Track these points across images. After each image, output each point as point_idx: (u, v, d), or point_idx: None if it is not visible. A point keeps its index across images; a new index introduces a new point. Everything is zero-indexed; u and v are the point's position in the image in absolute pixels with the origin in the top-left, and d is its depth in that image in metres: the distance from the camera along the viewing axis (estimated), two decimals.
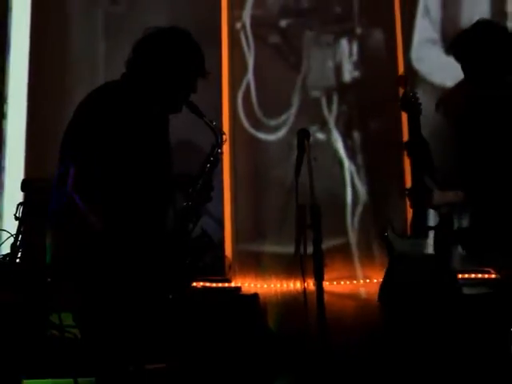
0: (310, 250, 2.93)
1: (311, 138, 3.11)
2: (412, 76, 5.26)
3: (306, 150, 3.05)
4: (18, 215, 3.88)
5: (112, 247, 2.98)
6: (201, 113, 3.36)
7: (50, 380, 2.56)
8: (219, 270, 4.96)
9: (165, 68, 3.19)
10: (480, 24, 3.62)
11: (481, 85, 3.53)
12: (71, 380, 2.42)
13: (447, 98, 3.76)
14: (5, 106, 5.40)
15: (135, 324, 2.98)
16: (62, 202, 3.09)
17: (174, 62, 3.21)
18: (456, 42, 3.59)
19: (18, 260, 3.80)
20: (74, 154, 3.04)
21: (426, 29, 5.33)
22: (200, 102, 3.42)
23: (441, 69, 5.24)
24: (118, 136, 3.03)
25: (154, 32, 3.25)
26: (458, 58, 3.57)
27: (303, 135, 3.10)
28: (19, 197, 4.14)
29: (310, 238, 2.96)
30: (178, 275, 3.27)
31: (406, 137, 5.12)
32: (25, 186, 4.07)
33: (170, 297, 3.20)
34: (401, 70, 5.25)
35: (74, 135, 3.10)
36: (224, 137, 3.40)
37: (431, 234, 3.76)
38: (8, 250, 3.89)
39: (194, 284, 3.69)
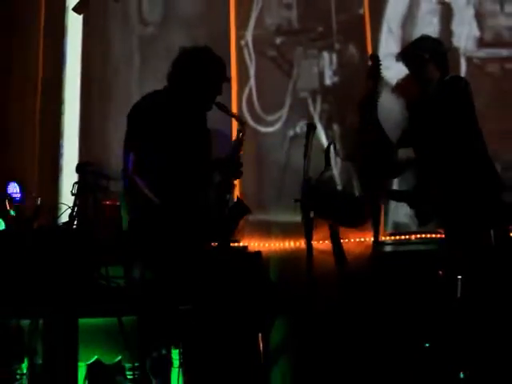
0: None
1: (301, 129, 3.10)
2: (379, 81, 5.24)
3: (311, 138, 3.06)
4: (73, 192, 3.85)
5: (167, 216, 3.02)
6: (227, 109, 3.48)
7: (100, 319, 2.54)
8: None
9: (198, 78, 3.27)
10: (418, 39, 3.72)
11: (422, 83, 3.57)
12: (115, 319, 2.41)
13: (403, 83, 3.77)
14: (62, 107, 5.38)
15: (180, 271, 3.01)
16: (125, 181, 3.16)
17: (204, 73, 3.29)
18: (401, 52, 3.66)
19: (74, 226, 3.79)
20: (133, 144, 3.12)
21: (389, 44, 5.29)
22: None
23: (401, 76, 5.22)
24: (167, 130, 3.14)
25: (187, 51, 3.34)
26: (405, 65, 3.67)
27: (310, 127, 3.10)
28: (74, 177, 4.11)
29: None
30: (222, 234, 3.31)
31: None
32: (78, 168, 4.04)
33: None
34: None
35: (134, 130, 3.18)
36: (246, 123, 3.47)
37: None
38: (67, 219, 3.88)
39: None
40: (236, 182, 5.06)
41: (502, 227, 3.48)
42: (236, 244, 4.91)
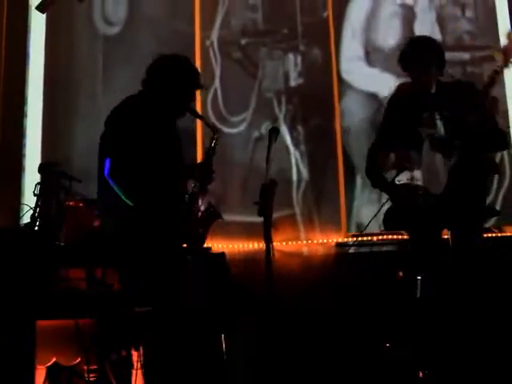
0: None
1: (266, 130, 3.13)
2: (341, 84, 5.30)
3: (273, 142, 3.08)
4: (36, 192, 3.81)
5: (141, 218, 3.04)
6: (201, 116, 3.55)
7: (59, 321, 2.52)
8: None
9: (171, 85, 3.31)
10: (413, 41, 3.61)
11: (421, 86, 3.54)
12: (73, 321, 2.40)
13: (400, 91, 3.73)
14: (25, 107, 5.32)
15: (151, 274, 3.02)
16: (102, 184, 3.16)
17: (178, 81, 3.32)
18: (399, 57, 3.57)
19: (36, 228, 3.75)
20: (110, 148, 3.14)
21: (353, 47, 5.35)
22: None
23: (364, 79, 5.29)
24: (141, 136, 3.14)
25: (163, 58, 3.36)
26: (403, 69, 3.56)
27: (273, 131, 3.12)
28: (37, 177, 4.07)
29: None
30: (194, 239, 3.33)
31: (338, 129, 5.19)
32: (41, 168, 4.01)
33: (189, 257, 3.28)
34: (334, 78, 5.29)
35: (113, 134, 3.19)
36: (220, 131, 3.52)
37: None
38: (28, 220, 3.84)
39: None
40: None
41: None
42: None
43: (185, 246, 3.33)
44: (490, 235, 4.77)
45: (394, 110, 3.69)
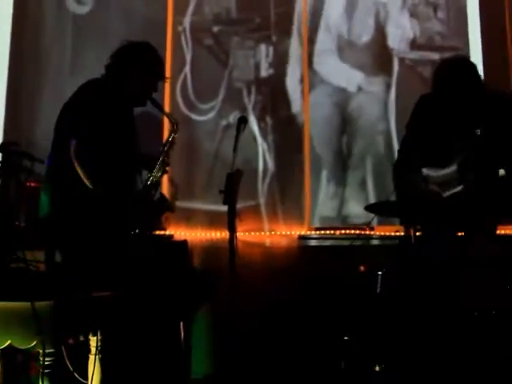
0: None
1: (234, 119, 3.10)
2: (313, 76, 5.30)
3: (241, 131, 3.06)
4: None
5: (94, 201, 3.02)
6: (161, 107, 3.45)
7: (11, 303, 2.46)
8: (157, 221, 4.93)
9: (134, 73, 3.27)
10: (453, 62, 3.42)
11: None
12: (29, 303, 2.34)
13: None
14: None
15: (94, 257, 2.99)
16: (61, 165, 3.10)
17: (141, 69, 3.28)
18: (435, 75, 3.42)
19: None
20: (76, 130, 3.09)
21: (326, 41, 5.35)
22: None
23: (335, 73, 5.30)
24: (106, 120, 3.12)
25: (128, 44, 3.31)
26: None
27: (241, 121, 3.09)
28: None
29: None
30: (146, 224, 3.31)
31: (306, 121, 5.18)
32: (2, 148, 3.92)
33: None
34: (305, 69, 5.29)
35: (72, 117, 3.14)
36: (178, 125, 3.41)
37: None
38: None
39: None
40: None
41: None
42: (162, 232, 4.88)
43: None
44: None
45: (422, 123, 3.46)
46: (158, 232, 4.79)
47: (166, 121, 3.58)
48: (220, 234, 4.83)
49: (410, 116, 3.57)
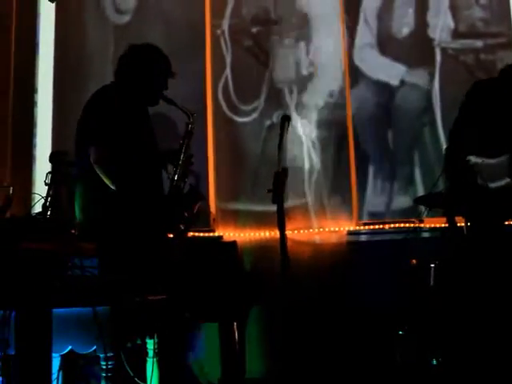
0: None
1: (277, 119, 3.11)
2: (354, 72, 5.27)
3: (285, 130, 3.07)
4: (47, 182, 3.81)
5: (124, 204, 3.05)
6: (174, 102, 3.48)
7: (74, 309, 2.52)
8: (206, 223, 4.96)
9: (142, 75, 3.38)
10: None
11: None
12: (88, 309, 2.40)
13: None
14: (35, 96, 5.32)
15: (145, 261, 3.02)
16: (84, 172, 3.16)
17: (149, 70, 3.40)
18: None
19: (47, 216, 3.75)
20: (93, 137, 3.19)
21: (365, 35, 5.31)
22: (189, 92, 3.39)
23: (376, 67, 5.25)
24: (120, 124, 3.19)
25: (132, 48, 3.43)
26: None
27: (285, 119, 3.10)
28: (48, 167, 4.07)
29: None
30: (177, 222, 3.34)
31: (350, 117, 5.16)
32: (52, 158, 4.00)
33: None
34: (345, 66, 5.26)
35: (89, 124, 3.26)
36: (194, 115, 3.48)
37: None
38: (40, 209, 3.84)
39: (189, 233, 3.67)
40: (211, 171, 5.12)
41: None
42: (211, 234, 4.92)
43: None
44: None
45: (476, 110, 3.43)
46: (207, 234, 4.85)
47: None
48: (269, 234, 4.84)
49: (461, 103, 3.51)
